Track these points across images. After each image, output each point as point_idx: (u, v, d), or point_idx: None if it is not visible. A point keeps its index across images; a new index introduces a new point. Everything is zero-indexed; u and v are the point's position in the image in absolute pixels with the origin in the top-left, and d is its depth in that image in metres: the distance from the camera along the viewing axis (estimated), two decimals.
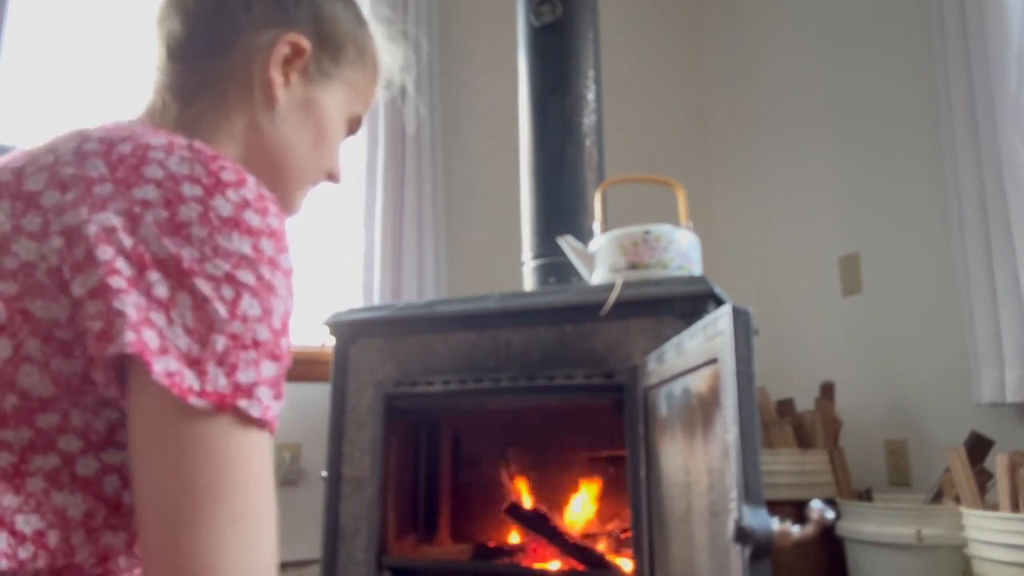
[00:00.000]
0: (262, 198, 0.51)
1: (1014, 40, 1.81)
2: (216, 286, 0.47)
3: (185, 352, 0.45)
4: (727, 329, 0.79)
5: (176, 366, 0.45)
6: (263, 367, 0.48)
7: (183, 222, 0.47)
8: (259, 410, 0.47)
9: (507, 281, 1.97)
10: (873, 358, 2.28)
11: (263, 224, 0.50)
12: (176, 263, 0.46)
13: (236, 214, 0.49)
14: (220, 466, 0.46)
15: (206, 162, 0.50)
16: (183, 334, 0.46)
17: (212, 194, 0.49)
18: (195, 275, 0.46)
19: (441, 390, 1.48)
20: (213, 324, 0.46)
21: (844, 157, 2.45)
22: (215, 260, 0.47)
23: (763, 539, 0.69)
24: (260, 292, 0.48)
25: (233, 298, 0.47)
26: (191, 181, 0.49)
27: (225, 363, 0.46)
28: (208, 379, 0.45)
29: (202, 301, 0.46)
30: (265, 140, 0.66)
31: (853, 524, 1.80)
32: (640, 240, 1.42)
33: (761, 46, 2.85)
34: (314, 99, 0.69)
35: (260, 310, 0.48)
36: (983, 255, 1.85)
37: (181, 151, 0.51)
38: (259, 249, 0.49)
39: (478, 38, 2.77)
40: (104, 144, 0.52)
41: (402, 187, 2.45)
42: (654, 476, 1.18)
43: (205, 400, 0.45)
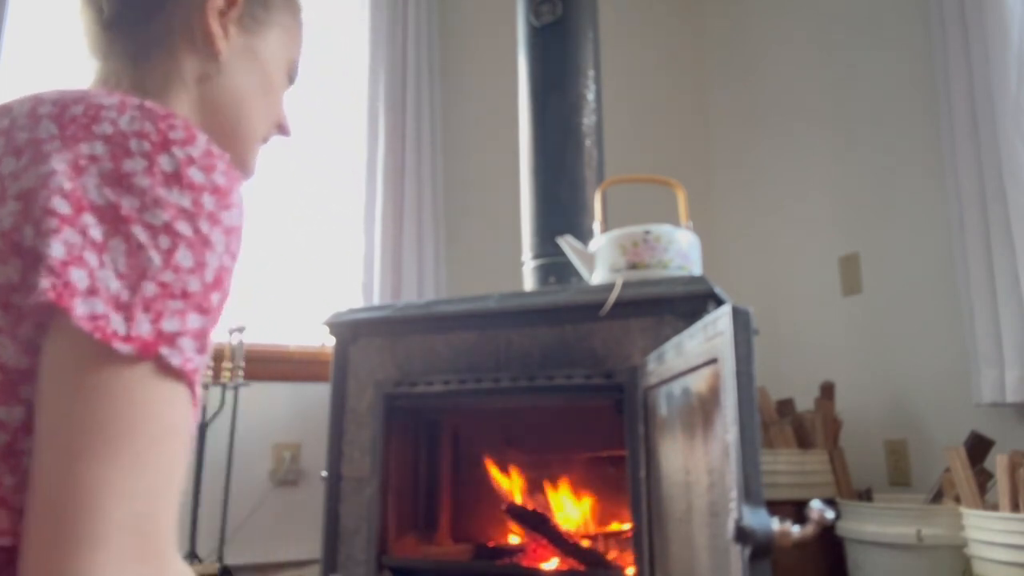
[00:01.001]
0: (210, 155, 0.51)
1: (1014, 40, 1.81)
2: (153, 235, 0.47)
3: (114, 295, 0.45)
4: (727, 329, 0.79)
5: (103, 309, 0.45)
6: (189, 318, 0.48)
7: (126, 173, 0.48)
8: (180, 360, 0.47)
9: (507, 281, 1.97)
10: (873, 358, 2.28)
11: (206, 180, 0.50)
12: (114, 210, 0.47)
13: (180, 169, 0.49)
14: (129, 410, 0.45)
15: (155, 120, 0.51)
16: (114, 277, 0.46)
17: (159, 150, 0.49)
18: (132, 222, 0.47)
19: (441, 390, 1.48)
20: (146, 271, 0.46)
21: (844, 157, 2.45)
22: (154, 210, 0.47)
23: (763, 539, 0.69)
24: (195, 245, 0.48)
25: (169, 248, 0.47)
26: (139, 137, 0.50)
27: (151, 309, 0.46)
28: (134, 324, 0.45)
29: (136, 248, 0.46)
30: (215, 92, 0.67)
31: (853, 524, 1.80)
32: (640, 240, 1.42)
33: (761, 46, 2.85)
34: (253, 46, 0.70)
35: (193, 262, 0.48)
36: (983, 255, 1.85)
37: (132, 110, 0.52)
38: (199, 204, 0.49)
39: (478, 38, 2.77)
40: (57, 106, 0.53)
41: (402, 187, 2.45)
42: (654, 476, 1.18)
43: (129, 345, 0.45)
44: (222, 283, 0.50)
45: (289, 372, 2.28)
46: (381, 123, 2.47)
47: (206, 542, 2.00)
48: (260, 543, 2.15)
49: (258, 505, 2.17)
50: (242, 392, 2.09)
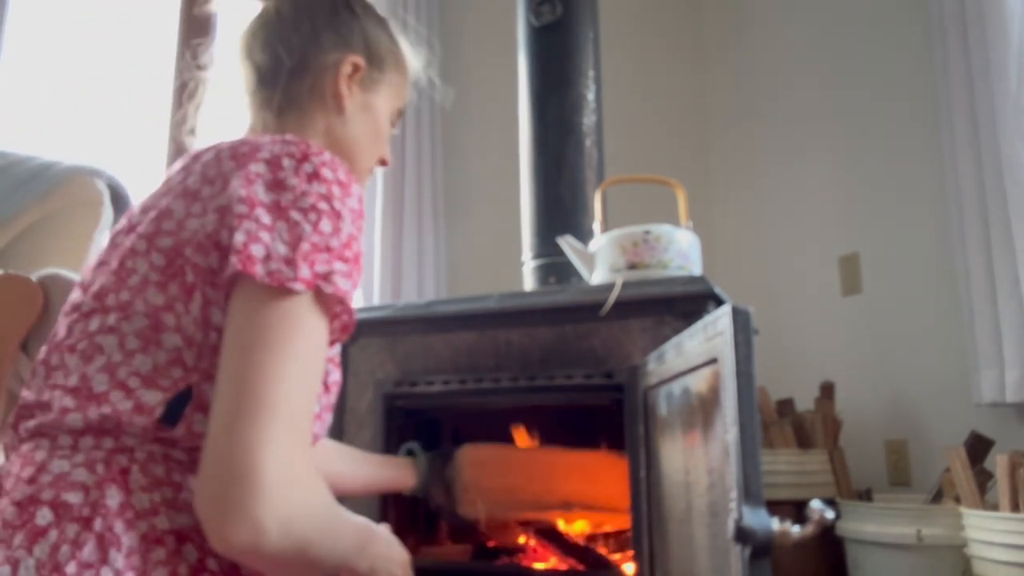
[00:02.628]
0: (335, 162, 0.72)
1: (1014, 40, 1.81)
2: (304, 214, 0.67)
3: (283, 256, 0.64)
4: (727, 329, 0.79)
5: (276, 266, 0.64)
6: (335, 264, 0.67)
7: (281, 179, 0.69)
8: (331, 288, 0.66)
9: (507, 281, 1.97)
10: (873, 358, 2.28)
11: (334, 177, 0.71)
12: (277, 203, 0.67)
13: (317, 170, 0.70)
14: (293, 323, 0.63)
15: (297, 143, 0.72)
16: (282, 244, 0.65)
17: (301, 161, 0.70)
18: (289, 209, 0.67)
19: (441, 390, 1.48)
20: (301, 236, 0.66)
21: (844, 157, 2.46)
22: (303, 198, 0.68)
23: (763, 539, 0.69)
24: (332, 217, 0.68)
25: (315, 220, 0.67)
26: (288, 156, 0.71)
27: (308, 259, 0.65)
28: (298, 270, 0.64)
29: (294, 224, 0.66)
30: (338, 138, 0.90)
31: (853, 524, 1.80)
32: (640, 240, 1.42)
33: (761, 45, 2.85)
34: (370, 103, 0.92)
35: (331, 227, 0.68)
36: (983, 255, 1.85)
37: (281, 141, 0.73)
38: (331, 191, 0.70)
39: (478, 38, 2.77)
40: (232, 149, 0.75)
41: (402, 187, 2.45)
42: (654, 476, 1.18)
43: (297, 283, 0.64)
44: (351, 244, 0.69)
45: None
46: None
47: None
48: None
49: None
50: None
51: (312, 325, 0.65)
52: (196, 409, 0.67)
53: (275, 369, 0.60)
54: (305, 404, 0.63)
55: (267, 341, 0.62)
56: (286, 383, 0.61)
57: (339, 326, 0.70)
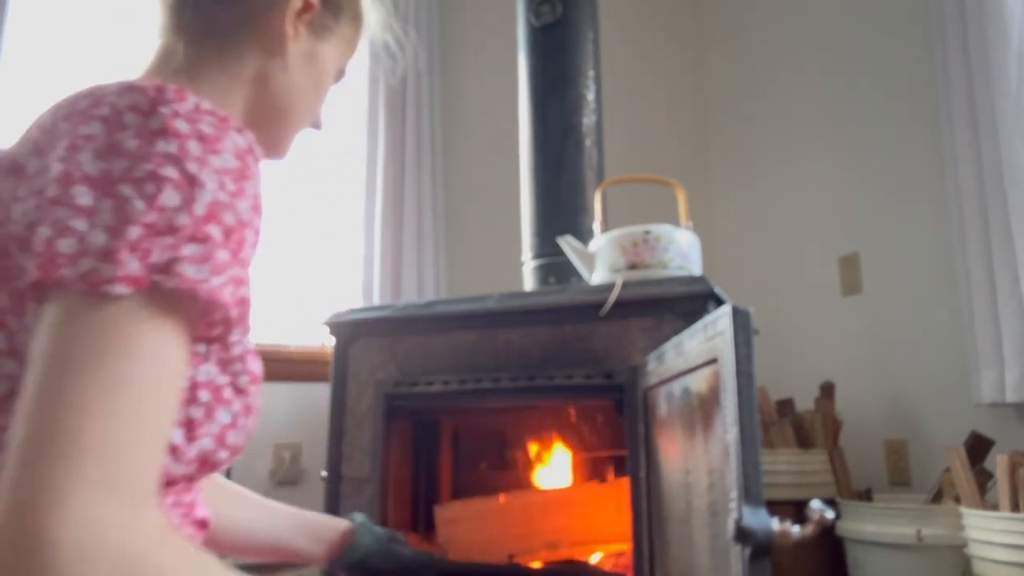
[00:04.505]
0: (198, 111, 0.54)
1: (1014, 40, 1.81)
2: (139, 186, 0.49)
3: (101, 248, 0.47)
4: (727, 329, 0.79)
5: (90, 264, 0.47)
6: (183, 248, 0.49)
7: (117, 141, 0.51)
8: (175, 281, 0.48)
9: (507, 281, 1.97)
10: (873, 358, 2.28)
11: (191, 129, 0.52)
12: (105, 176, 0.50)
13: (166, 123, 0.52)
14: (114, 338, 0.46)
15: (147, 91, 0.53)
16: (101, 233, 0.47)
17: (148, 115, 0.52)
18: (120, 182, 0.49)
19: (441, 390, 1.48)
20: (129, 217, 0.48)
21: (844, 157, 2.45)
22: (141, 164, 0.50)
23: (763, 539, 0.69)
24: (182, 185, 0.50)
25: (153, 192, 0.49)
26: (132, 110, 0.53)
27: (138, 249, 0.48)
28: (121, 265, 0.47)
29: (123, 201, 0.48)
30: (272, 85, 0.72)
31: (853, 524, 1.80)
32: (640, 240, 1.42)
33: (761, 45, 2.85)
34: (317, 51, 0.75)
35: (180, 200, 0.50)
36: (983, 255, 1.85)
37: (129, 90, 0.54)
38: (185, 148, 0.51)
39: (478, 38, 2.77)
40: (69, 104, 0.56)
41: (402, 187, 2.45)
42: (654, 476, 1.18)
43: (118, 284, 0.47)
44: (217, 216, 0.51)
45: (289, 372, 2.28)
46: (381, 123, 2.47)
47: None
48: None
49: None
50: None
51: (146, 336, 0.47)
52: None
53: (79, 402, 0.44)
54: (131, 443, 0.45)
55: (69, 364, 0.45)
56: (96, 420, 0.44)
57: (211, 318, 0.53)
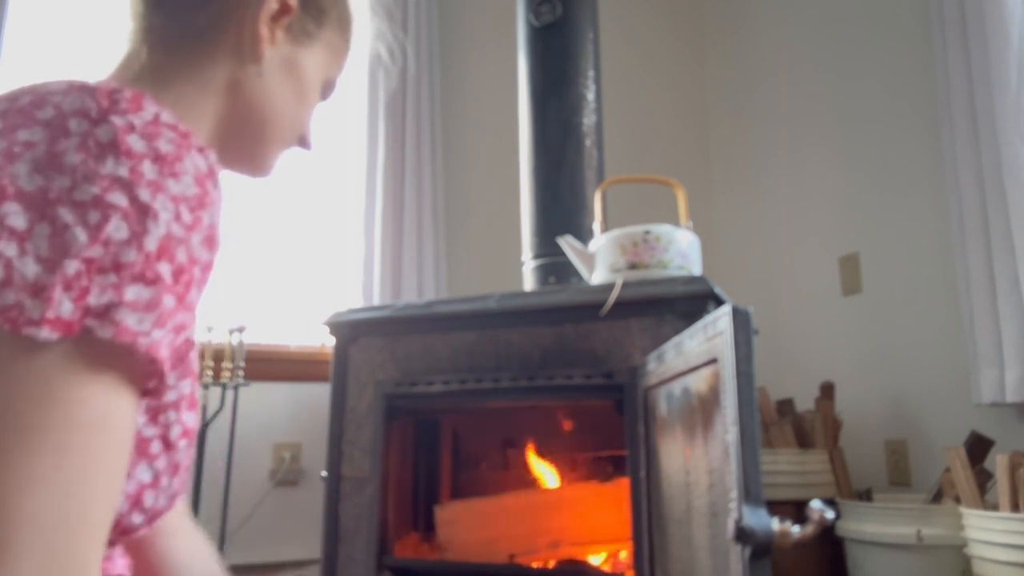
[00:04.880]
0: (156, 123, 0.47)
1: (1014, 40, 1.81)
2: (82, 212, 0.42)
3: (31, 281, 0.41)
4: (727, 329, 0.79)
5: (15, 298, 0.40)
6: (127, 290, 0.43)
7: (58, 153, 0.44)
8: (111, 332, 0.42)
9: (507, 281, 1.97)
10: (873, 358, 2.28)
11: (147, 148, 0.45)
12: (43, 194, 0.43)
13: (116, 138, 0.45)
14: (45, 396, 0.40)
15: (98, 96, 0.47)
16: (33, 263, 0.41)
17: (96, 124, 0.45)
18: (60, 204, 0.42)
19: (441, 390, 1.48)
20: (68, 249, 0.42)
21: (844, 157, 2.45)
22: (84, 186, 0.43)
23: (763, 539, 0.69)
24: (131, 215, 0.43)
25: (98, 222, 0.42)
26: (78, 115, 0.46)
27: (74, 287, 0.41)
28: (52, 305, 0.41)
29: (62, 228, 0.42)
30: (246, 94, 0.65)
31: (853, 524, 1.80)
32: (640, 240, 1.42)
33: (761, 45, 2.85)
34: (297, 58, 0.68)
35: (128, 232, 0.43)
36: (983, 255, 1.85)
37: (77, 91, 0.47)
38: (138, 171, 0.44)
39: (478, 38, 2.77)
40: (8, 100, 0.49)
41: (402, 187, 2.45)
42: (654, 476, 1.18)
43: (45, 328, 0.40)
44: (170, 252, 0.45)
45: (289, 372, 2.28)
46: (381, 123, 2.47)
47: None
48: (260, 543, 2.15)
49: (258, 505, 2.17)
50: (242, 392, 2.09)
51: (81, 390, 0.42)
52: None
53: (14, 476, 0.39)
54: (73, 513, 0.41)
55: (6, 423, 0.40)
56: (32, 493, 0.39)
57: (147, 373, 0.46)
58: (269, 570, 2.15)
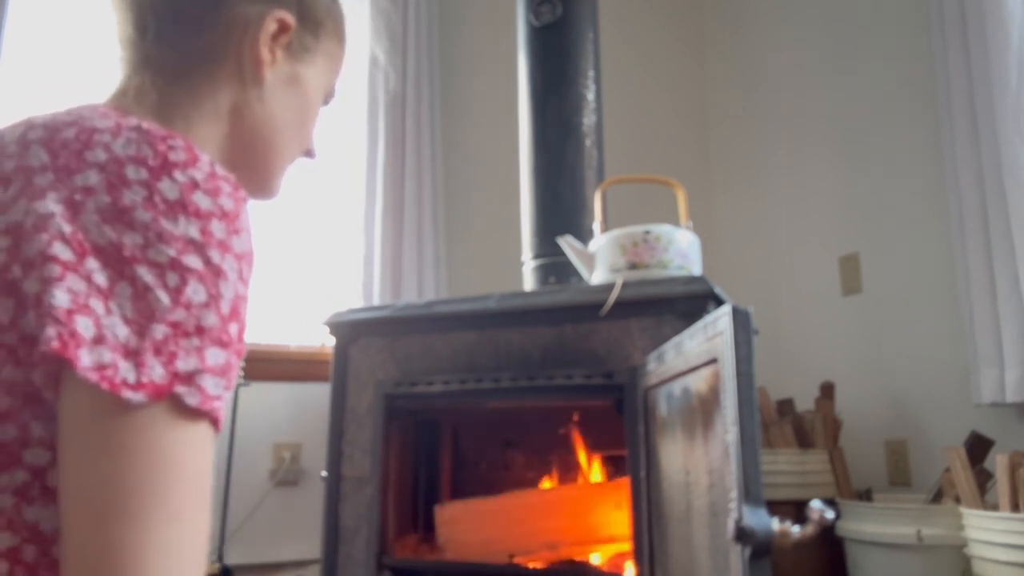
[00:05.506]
0: (214, 177, 0.48)
1: (1014, 40, 1.81)
2: (159, 273, 0.44)
3: (123, 343, 0.42)
4: (727, 329, 0.79)
5: (110, 357, 0.42)
6: (208, 354, 0.44)
7: (126, 207, 0.45)
8: (198, 399, 0.44)
9: (507, 281, 1.97)
10: (873, 358, 2.28)
11: (213, 205, 0.46)
12: (117, 251, 0.44)
13: (184, 196, 0.46)
14: (155, 463, 0.42)
15: (153, 142, 0.47)
16: (121, 323, 0.42)
17: (159, 176, 0.46)
18: (137, 263, 0.44)
19: (441, 390, 1.48)
20: (154, 313, 0.43)
21: (844, 157, 2.46)
22: (159, 246, 0.44)
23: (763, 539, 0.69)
24: (207, 277, 0.45)
25: (178, 285, 0.44)
26: (136, 163, 0.46)
27: (163, 352, 0.43)
28: (145, 370, 0.42)
29: (143, 290, 0.43)
30: (253, 118, 0.64)
31: (853, 524, 1.80)
32: (640, 240, 1.42)
33: (761, 45, 2.85)
34: (298, 75, 0.67)
35: (206, 295, 0.45)
36: (983, 255, 1.85)
37: (128, 132, 0.48)
38: (208, 232, 0.46)
39: (478, 38, 2.77)
40: (47, 131, 0.49)
41: (402, 187, 2.45)
42: (654, 476, 1.18)
43: (141, 392, 0.42)
44: (239, 313, 0.47)
45: (289, 372, 2.28)
46: (381, 123, 2.47)
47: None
48: (260, 543, 2.15)
49: (258, 505, 2.17)
50: (242, 392, 2.09)
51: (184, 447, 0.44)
52: None
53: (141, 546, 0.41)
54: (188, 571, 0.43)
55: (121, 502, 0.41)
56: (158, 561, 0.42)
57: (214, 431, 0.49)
58: (269, 570, 2.15)
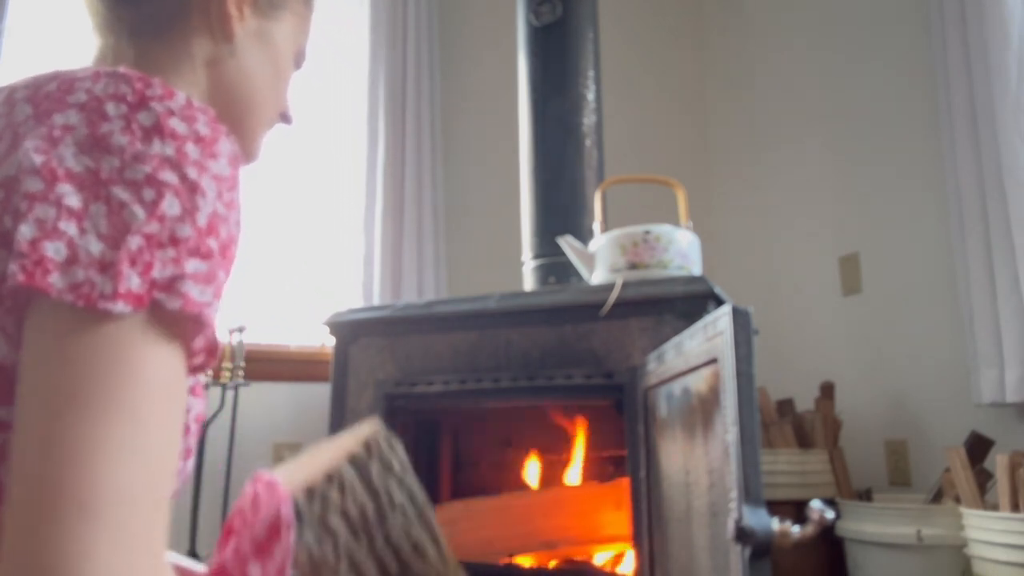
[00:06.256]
0: (191, 107, 0.49)
1: (1014, 40, 1.81)
2: (136, 190, 0.45)
3: (97, 258, 0.43)
4: (727, 329, 0.79)
5: (84, 275, 0.42)
6: (187, 264, 0.45)
7: (103, 135, 0.46)
8: (179, 303, 0.44)
9: (507, 281, 1.97)
10: (873, 358, 2.28)
11: (188, 130, 0.48)
12: (94, 175, 0.45)
13: (160, 121, 0.47)
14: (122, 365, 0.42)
15: (131, 81, 0.49)
16: (96, 240, 0.43)
17: (136, 109, 0.48)
18: (113, 184, 0.45)
19: (441, 390, 1.48)
20: (129, 226, 0.44)
21: (844, 157, 2.45)
22: (135, 165, 0.45)
23: (763, 539, 0.69)
24: (182, 192, 0.46)
25: (153, 199, 0.45)
26: (115, 99, 0.48)
27: (139, 262, 0.43)
28: (122, 280, 0.43)
29: (118, 206, 0.44)
30: (227, 75, 0.65)
31: (853, 524, 1.80)
32: (640, 240, 1.42)
33: (761, 45, 2.85)
34: (267, 31, 0.68)
35: (181, 209, 0.46)
36: (983, 255, 1.85)
37: (107, 76, 0.50)
38: (183, 152, 0.47)
39: (478, 38, 2.77)
40: (31, 88, 0.52)
41: (402, 187, 2.45)
42: (654, 476, 1.18)
43: (119, 302, 0.42)
44: (216, 230, 0.47)
45: (289, 372, 2.28)
46: (381, 123, 2.47)
47: (206, 542, 2.00)
48: None
49: None
50: (242, 392, 2.09)
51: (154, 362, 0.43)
52: None
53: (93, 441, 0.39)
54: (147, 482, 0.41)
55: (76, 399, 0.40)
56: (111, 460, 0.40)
57: (201, 347, 0.48)
58: None
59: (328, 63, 2.55)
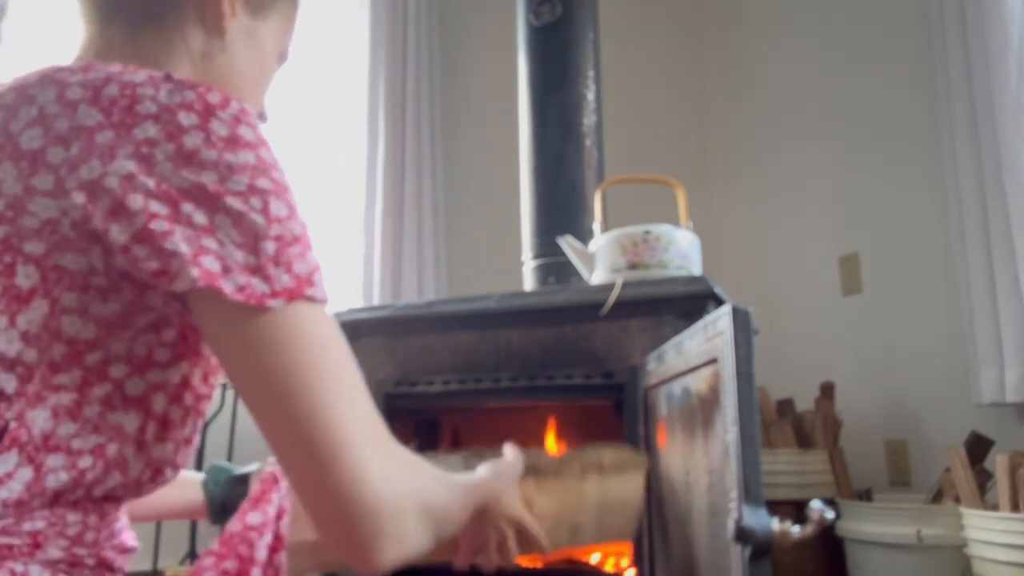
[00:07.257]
0: (246, 112, 0.54)
1: (1014, 40, 1.81)
2: (244, 200, 0.50)
3: (245, 265, 0.50)
4: (727, 329, 0.79)
5: (243, 279, 0.49)
6: (309, 256, 0.53)
7: (191, 150, 0.50)
8: (321, 292, 0.53)
9: (507, 281, 1.97)
10: (873, 358, 2.28)
11: (255, 136, 0.53)
12: (201, 189, 0.50)
13: (233, 131, 0.52)
14: (308, 346, 0.51)
15: (186, 87, 0.52)
16: (236, 250, 0.50)
17: (207, 118, 0.51)
18: (223, 196, 0.50)
19: (441, 390, 1.48)
20: (257, 233, 0.50)
21: (844, 157, 2.45)
22: (233, 177, 0.50)
23: (763, 539, 0.69)
24: (280, 193, 0.52)
25: (263, 205, 0.51)
26: (185, 109, 0.51)
27: (281, 262, 0.51)
28: (273, 280, 0.50)
29: (238, 216, 0.50)
30: (216, 70, 0.67)
31: (853, 524, 1.80)
32: (640, 240, 1.42)
33: (761, 45, 2.85)
34: (256, 30, 0.70)
35: (287, 208, 0.52)
36: (983, 255, 1.85)
37: (165, 83, 0.53)
38: (261, 157, 0.52)
39: (478, 38, 2.77)
40: (88, 89, 0.53)
41: (402, 187, 2.45)
42: (654, 476, 1.18)
43: (279, 299, 0.50)
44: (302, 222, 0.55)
45: None
46: (381, 123, 2.47)
47: (206, 541, 2.00)
48: None
49: None
50: None
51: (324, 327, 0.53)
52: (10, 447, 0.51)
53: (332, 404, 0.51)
54: (367, 409, 0.54)
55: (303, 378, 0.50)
56: (347, 407, 0.52)
57: None
58: None
59: (328, 63, 2.55)
